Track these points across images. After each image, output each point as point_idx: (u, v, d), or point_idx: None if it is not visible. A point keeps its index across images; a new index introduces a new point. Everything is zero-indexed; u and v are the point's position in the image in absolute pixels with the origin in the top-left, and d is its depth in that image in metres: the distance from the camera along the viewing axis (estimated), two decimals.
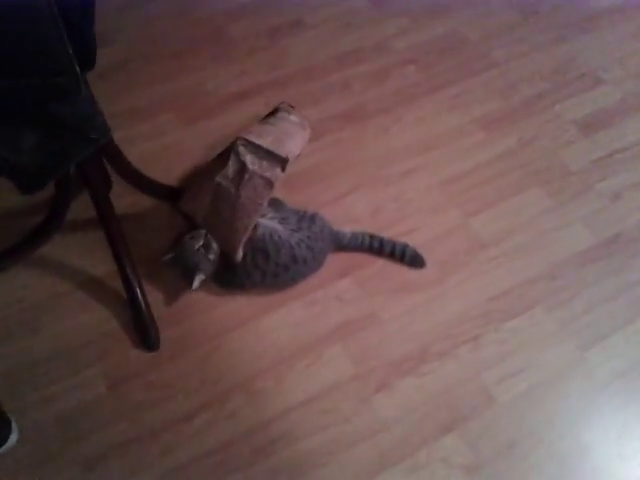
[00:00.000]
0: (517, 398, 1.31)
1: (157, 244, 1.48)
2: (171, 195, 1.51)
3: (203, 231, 1.34)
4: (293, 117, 1.42)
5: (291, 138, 1.36)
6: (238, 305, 1.41)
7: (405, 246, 1.47)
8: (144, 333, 1.35)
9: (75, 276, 1.44)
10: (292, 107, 1.48)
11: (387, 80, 1.84)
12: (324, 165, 1.65)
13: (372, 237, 1.48)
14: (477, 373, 1.34)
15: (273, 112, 1.45)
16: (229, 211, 1.29)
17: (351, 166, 1.65)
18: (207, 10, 2.01)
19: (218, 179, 1.29)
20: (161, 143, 1.68)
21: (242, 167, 1.27)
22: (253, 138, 1.30)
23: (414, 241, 1.51)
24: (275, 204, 1.46)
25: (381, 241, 1.48)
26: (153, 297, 1.39)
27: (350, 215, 1.56)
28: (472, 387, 1.32)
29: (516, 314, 1.42)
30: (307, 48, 1.93)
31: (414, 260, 1.47)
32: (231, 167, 1.28)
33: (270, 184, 1.27)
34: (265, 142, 1.29)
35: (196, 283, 1.31)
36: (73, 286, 1.42)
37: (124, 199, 1.52)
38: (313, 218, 1.43)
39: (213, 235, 1.33)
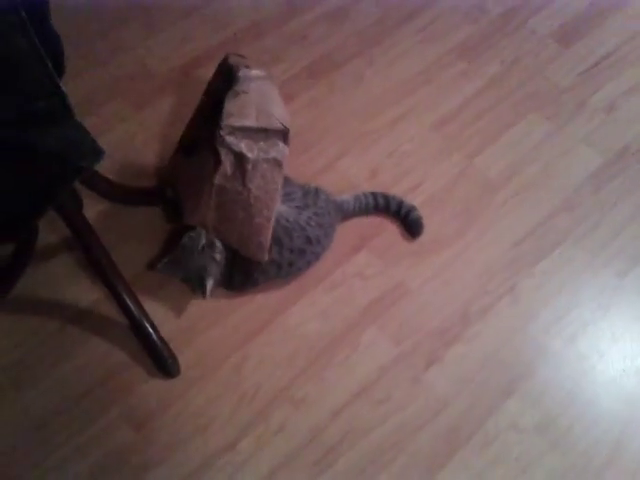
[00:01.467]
0: (568, 342, 1.24)
1: (143, 254, 1.30)
2: (146, 198, 1.32)
3: (202, 230, 1.16)
4: (255, 71, 1.16)
5: (271, 99, 1.14)
6: (255, 306, 1.26)
7: (412, 208, 1.35)
8: (158, 359, 1.18)
9: (62, 311, 1.24)
10: (242, 57, 1.24)
11: (346, 21, 1.67)
12: (304, 131, 1.48)
13: (375, 195, 1.35)
14: (523, 326, 1.26)
15: (226, 71, 1.17)
16: (242, 211, 1.11)
17: (333, 126, 1.49)
18: None
19: (217, 181, 1.09)
20: (113, 137, 1.46)
21: (240, 159, 1.08)
22: (237, 121, 1.08)
23: (422, 197, 1.39)
24: None
25: (386, 198, 1.35)
26: (157, 316, 1.21)
27: (347, 181, 1.41)
28: (522, 341, 1.24)
29: (545, 254, 1.34)
30: None
31: (414, 224, 1.34)
32: (227, 163, 1.08)
33: (279, 164, 1.10)
34: (251, 120, 1.09)
35: (209, 289, 1.15)
36: (61, 323, 1.23)
37: (92, 209, 1.31)
38: (317, 192, 1.27)
39: (230, 241, 1.15)
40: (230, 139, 1.07)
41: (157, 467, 1.11)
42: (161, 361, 1.18)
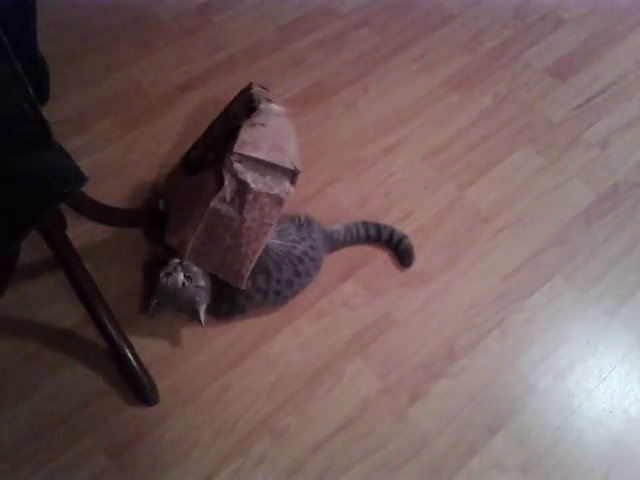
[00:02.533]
0: (558, 379, 1.22)
1: (126, 277, 1.28)
2: (131, 219, 1.30)
3: (175, 261, 1.14)
4: (275, 106, 1.15)
5: (287, 137, 1.14)
6: (238, 333, 1.23)
7: (403, 237, 1.34)
8: (137, 387, 1.16)
9: (38, 333, 1.21)
10: (265, 89, 1.25)
11: (342, 48, 1.67)
12: None
13: (366, 225, 1.34)
14: (511, 361, 1.24)
15: (247, 99, 1.18)
16: (231, 238, 1.09)
17: (325, 152, 1.48)
18: None
19: (214, 204, 1.07)
20: (102, 157, 1.45)
21: (243, 187, 1.06)
22: (249, 151, 1.05)
23: (412, 227, 1.38)
24: None
25: (377, 227, 1.34)
26: (137, 342, 1.19)
27: (336, 208, 1.40)
28: (509, 378, 1.22)
29: (535, 289, 1.32)
30: (245, 22, 1.71)
31: (406, 254, 1.33)
32: (228, 188, 1.06)
33: (279, 202, 1.08)
34: (263, 153, 1.06)
35: (203, 317, 1.13)
36: (39, 346, 1.20)
37: (77, 229, 1.29)
38: (310, 223, 1.26)
39: (207, 265, 1.13)
40: (238, 166, 1.05)
41: None
42: (139, 388, 1.15)
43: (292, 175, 1.07)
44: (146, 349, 1.19)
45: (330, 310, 1.27)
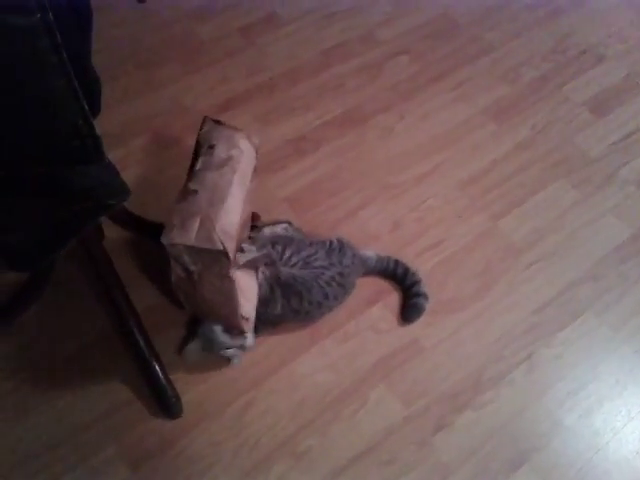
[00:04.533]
0: (584, 417, 1.20)
1: (156, 288, 1.30)
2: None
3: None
4: (220, 149, 1.05)
5: (222, 199, 0.99)
6: (264, 351, 1.24)
7: (423, 294, 1.30)
8: (162, 399, 1.17)
9: (70, 341, 1.23)
10: (219, 122, 1.12)
11: (381, 75, 1.69)
12: (329, 178, 1.49)
13: (397, 263, 1.33)
14: (538, 396, 1.22)
15: (195, 146, 1.09)
16: (206, 303, 1.09)
17: (359, 176, 1.49)
18: (168, 12, 1.79)
19: (174, 280, 1.04)
20: (142, 171, 1.48)
21: (186, 268, 1.00)
22: (177, 238, 0.94)
23: (443, 254, 1.38)
24: (294, 241, 1.26)
25: (406, 270, 1.32)
26: (165, 354, 1.20)
27: (367, 232, 1.40)
28: (535, 413, 1.20)
29: (566, 324, 1.30)
30: (287, 45, 1.74)
31: (413, 309, 1.30)
32: (177, 268, 1.01)
33: (226, 276, 0.99)
34: (192, 236, 0.93)
35: (237, 361, 1.19)
36: (69, 353, 1.22)
37: (110, 240, 1.31)
38: (342, 248, 1.25)
39: (212, 317, 1.14)
40: (174, 251, 0.97)
41: None
42: (164, 400, 1.16)
43: (227, 256, 0.95)
44: (173, 362, 1.20)
45: (357, 333, 1.27)
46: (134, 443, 1.14)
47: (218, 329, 1.13)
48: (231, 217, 0.99)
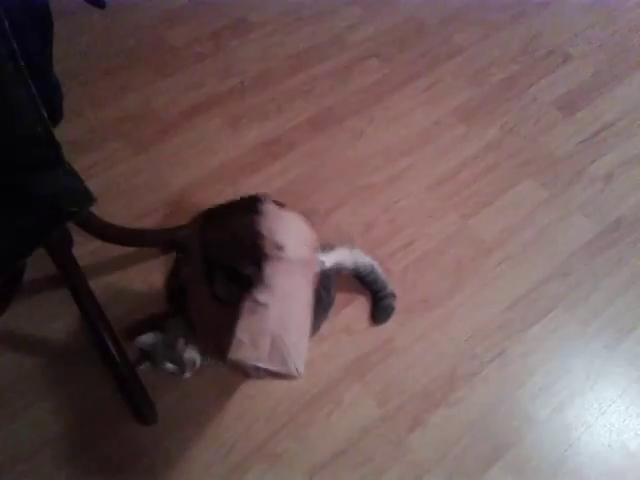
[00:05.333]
0: (557, 412, 1.22)
1: (131, 296, 1.29)
2: (141, 240, 1.32)
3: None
4: (292, 251, 0.92)
5: (294, 316, 0.93)
6: None
7: (391, 293, 1.31)
8: (135, 406, 1.16)
9: (41, 349, 1.22)
10: (281, 204, 1.00)
11: (351, 78, 1.70)
12: (301, 181, 1.49)
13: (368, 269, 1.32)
14: (511, 392, 1.23)
15: (254, 237, 0.93)
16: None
17: (331, 178, 1.50)
18: (138, 18, 1.79)
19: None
20: (112, 177, 1.47)
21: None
22: (248, 357, 0.88)
23: (415, 254, 1.39)
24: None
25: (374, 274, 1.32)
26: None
27: (340, 234, 1.41)
28: (508, 408, 1.22)
29: (536, 320, 1.32)
30: (258, 49, 1.75)
31: (384, 310, 1.30)
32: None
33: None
34: (263, 358, 0.88)
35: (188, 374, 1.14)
36: (41, 361, 1.21)
37: (85, 247, 1.30)
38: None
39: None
40: (237, 364, 0.90)
41: None
42: (137, 407, 1.16)
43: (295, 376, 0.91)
44: (146, 369, 1.19)
45: (331, 335, 1.27)
46: (110, 452, 1.13)
47: (181, 342, 1.10)
48: (302, 331, 0.94)
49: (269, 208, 0.95)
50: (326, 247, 1.24)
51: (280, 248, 0.91)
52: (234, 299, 0.93)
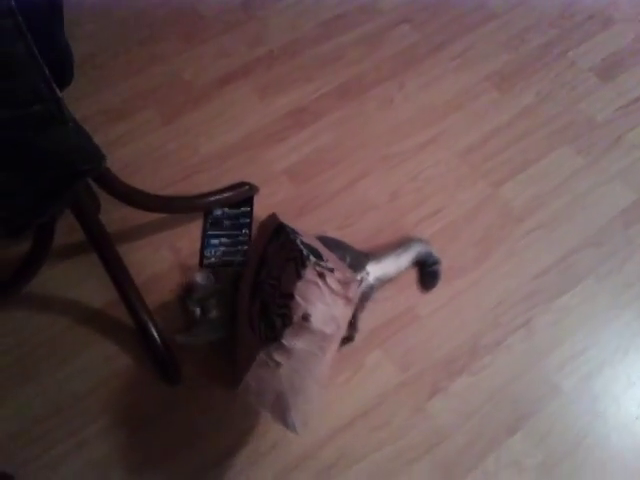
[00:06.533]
0: (583, 382, 1.19)
1: (156, 260, 1.32)
2: (168, 206, 1.34)
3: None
4: (314, 323, 0.92)
5: (302, 386, 0.96)
6: None
7: (437, 260, 1.29)
8: (161, 366, 1.19)
9: (71, 311, 1.26)
10: (321, 263, 0.96)
11: (382, 45, 1.67)
12: (328, 150, 1.48)
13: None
14: (536, 361, 1.21)
15: (298, 266, 0.96)
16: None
17: (358, 147, 1.49)
18: None
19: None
20: (143, 145, 1.50)
21: None
22: (252, 401, 1.00)
23: (441, 223, 1.37)
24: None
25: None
26: (165, 324, 1.22)
27: (366, 202, 1.40)
28: (533, 378, 1.19)
29: (565, 290, 1.29)
30: (287, 18, 1.73)
31: (431, 276, 1.29)
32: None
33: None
34: (267, 406, 0.97)
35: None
36: (71, 322, 1.25)
37: (113, 213, 1.33)
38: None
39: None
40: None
41: (150, 471, 1.11)
42: (163, 367, 1.19)
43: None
44: (173, 332, 1.22)
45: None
46: (134, 409, 1.17)
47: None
48: (309, 397, 0.97)
49: (311, 276, 0.94)
50: (374, 255, 1.25)
51: (306, 318, 0.92)
52: (259, 332, 0.99)
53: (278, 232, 1.07)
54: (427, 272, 1.29)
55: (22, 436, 1.14)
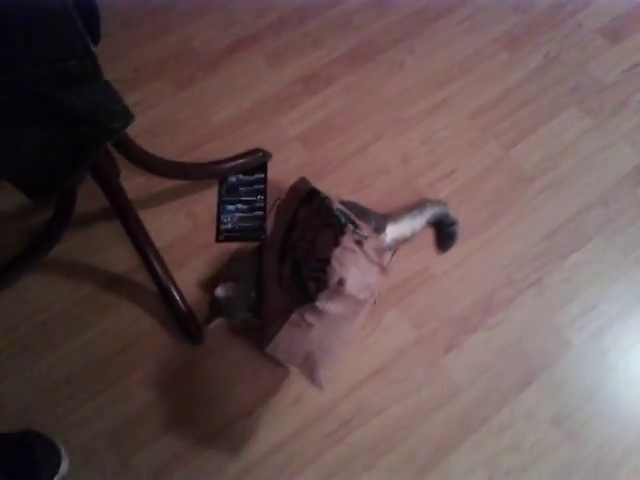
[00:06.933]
0: (594, 337, 1.23)
1: (176, 225, 1.35)
2: (184, 172, 1.37)
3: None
4: (350, 288, 0.95)
5: (332, 346, 1.02)
6: None
7: (454, 220, 1.32)
8: (183, 325, 1.23)
9: (95, 276, 1.29)
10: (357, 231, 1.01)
11: (391, 8, 1.67)
12: (339, 115, 1.50)
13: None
14: (547, 317, 1.25)
15: (336, 230, 1.00)
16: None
17: (370, 111, 1.50)
18: None
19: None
20: (157, 114, 1.51)
21: None
22: (281, 357, 1.04)
23: (454, 185, 1.39)
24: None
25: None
26: (185, 287, 1.26)
27: (378, 166, 1.42)
28: (544, 333, 1.23)
29: (576, 248, 1.32)
30: None
31: (448, 237, 1.32)
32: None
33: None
34: (296, 363, 1.03)
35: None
36: (95, 287, 1.28)
37: (131, 181, 1.35)
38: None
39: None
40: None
41: (173, 430, 1.15)
42: (185, 326, 1.22)
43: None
44: (193, 294, 1.26)
45: None
46: (158, 369, 1.20)
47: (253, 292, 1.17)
48: (336, 357, 1.03)
49: (349, 244, 0.98)
50: (391, 216, 1.27)
51: (341, 282, 0.95)
52: (291, 293, 1.02)
53: (310, 197, 1.09)
54: (444, 233, 1.31)
55: (53, 394, 1.18)
